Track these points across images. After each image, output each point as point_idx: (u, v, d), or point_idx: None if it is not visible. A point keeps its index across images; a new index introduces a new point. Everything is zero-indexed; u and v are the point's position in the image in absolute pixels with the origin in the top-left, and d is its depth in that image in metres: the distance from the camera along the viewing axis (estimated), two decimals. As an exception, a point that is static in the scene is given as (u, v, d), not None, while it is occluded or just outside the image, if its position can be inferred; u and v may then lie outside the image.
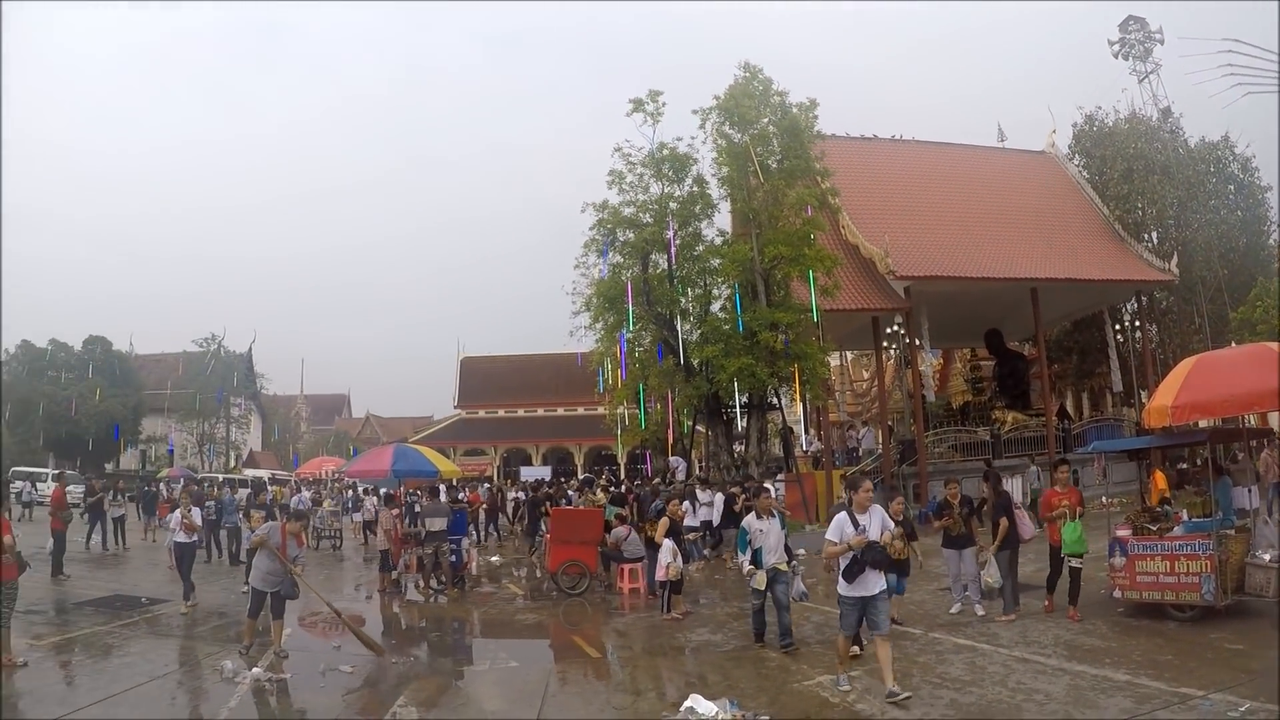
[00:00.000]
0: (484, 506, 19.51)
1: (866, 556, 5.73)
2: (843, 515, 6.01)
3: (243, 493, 19.61)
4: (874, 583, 5.81)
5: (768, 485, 13.55)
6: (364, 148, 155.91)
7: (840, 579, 5.95)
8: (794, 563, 7.93)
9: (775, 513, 8.02)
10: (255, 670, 6.81)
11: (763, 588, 7.45)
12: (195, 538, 10.65)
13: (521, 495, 20.59)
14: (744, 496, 13.62)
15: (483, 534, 18.97)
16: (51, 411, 44.68)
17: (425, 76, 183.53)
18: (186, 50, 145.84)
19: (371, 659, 7.58)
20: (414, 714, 5.89)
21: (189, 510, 10.66)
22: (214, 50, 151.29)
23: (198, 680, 6.92)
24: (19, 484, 26.23)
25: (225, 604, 10.65)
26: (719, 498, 14.87)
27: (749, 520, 7.86)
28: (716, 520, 14.64)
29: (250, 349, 53.54)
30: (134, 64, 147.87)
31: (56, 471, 27.23)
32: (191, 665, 7.38)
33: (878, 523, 5.97)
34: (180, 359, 51.35)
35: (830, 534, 6.01)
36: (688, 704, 5.57)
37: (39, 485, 26.11)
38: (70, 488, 16.10)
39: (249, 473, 39.00)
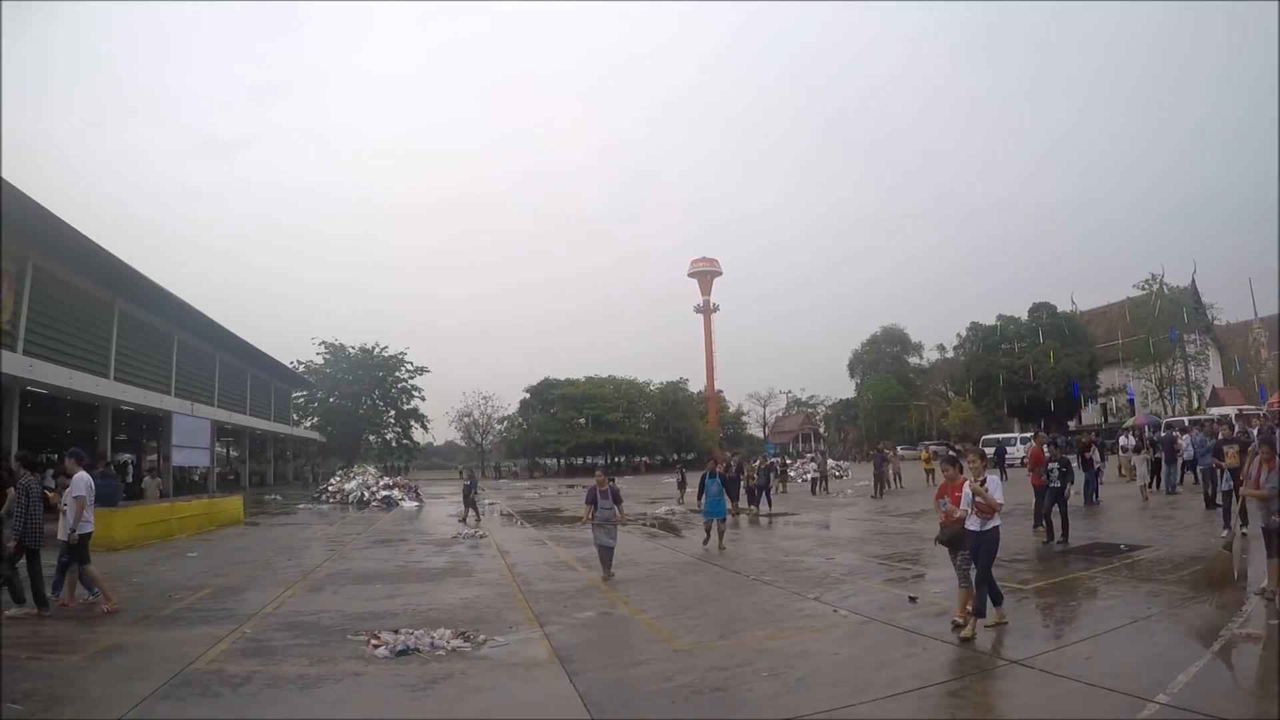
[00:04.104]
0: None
1: None
2: None
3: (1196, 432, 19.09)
4: None
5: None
6: None
7: None
8: None
9: None
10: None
11: None
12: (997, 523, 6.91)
13: None
14: None
15: None
16: (1010, 380, 51.39)
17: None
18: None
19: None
20: None
21: (982, 482, 6.72)
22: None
23: (1178, 624, 6.78)
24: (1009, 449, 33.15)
25: (1205, 549, 9.95)
26: None
27: None
28: None
29: (1193, 280, 48.85)
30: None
31: (1029, 435, 31.28)
32: (1173, 609, 7.27)
33: None
34: (1125, 306, 50.42)
35: None
36: None
37: (1012, 448, 31.81)
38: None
39: (1213, 411, 35.31)
